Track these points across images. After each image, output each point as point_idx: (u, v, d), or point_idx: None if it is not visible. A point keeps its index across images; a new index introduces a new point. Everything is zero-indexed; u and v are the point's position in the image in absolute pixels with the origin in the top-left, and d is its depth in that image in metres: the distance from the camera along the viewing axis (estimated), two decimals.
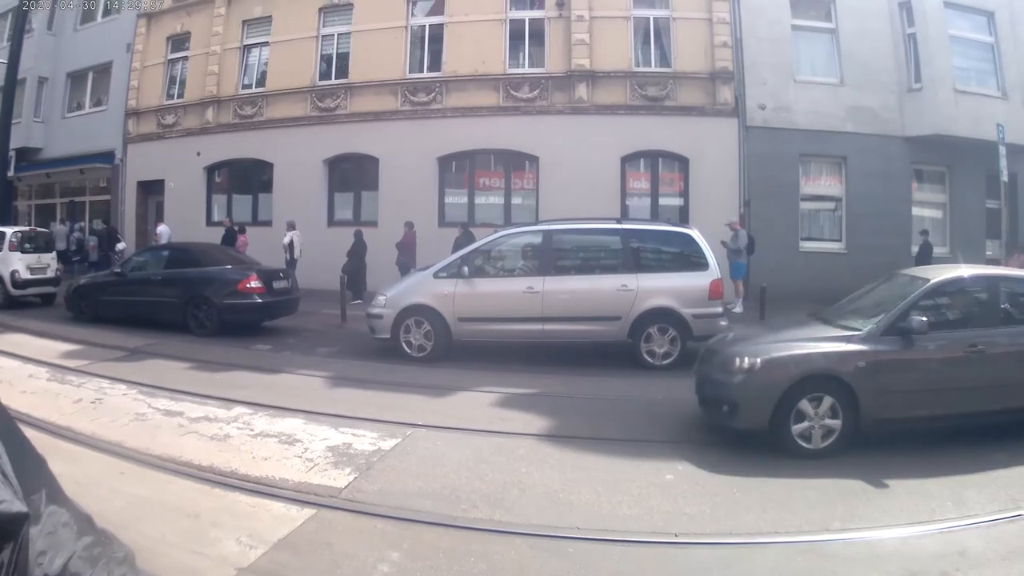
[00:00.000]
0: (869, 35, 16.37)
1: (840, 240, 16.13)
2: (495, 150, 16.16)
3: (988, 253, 16.67)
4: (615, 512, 4.72)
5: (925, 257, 14.81)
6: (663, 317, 9.37)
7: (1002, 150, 14.27)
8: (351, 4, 17.25)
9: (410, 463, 5.47)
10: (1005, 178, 14.43)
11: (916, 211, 16.45)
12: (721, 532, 4.49)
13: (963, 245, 16.58)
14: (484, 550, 4.10)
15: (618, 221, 10.75)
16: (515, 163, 16.16)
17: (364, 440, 5.94)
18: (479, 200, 16.23)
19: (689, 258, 9.71)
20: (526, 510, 4.70)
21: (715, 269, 9.68)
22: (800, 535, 4.46)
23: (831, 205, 16.36)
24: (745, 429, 5.97)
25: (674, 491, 5.09)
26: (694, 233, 9.92)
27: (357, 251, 14.87)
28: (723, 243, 13.91)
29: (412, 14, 16.94)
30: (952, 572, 3.96)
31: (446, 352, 9.41)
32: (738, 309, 13.83)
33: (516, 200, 16.08)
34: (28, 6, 17.55)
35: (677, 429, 6.65)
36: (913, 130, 16.26)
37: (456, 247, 13.68)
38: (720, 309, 9.75)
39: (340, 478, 5.11)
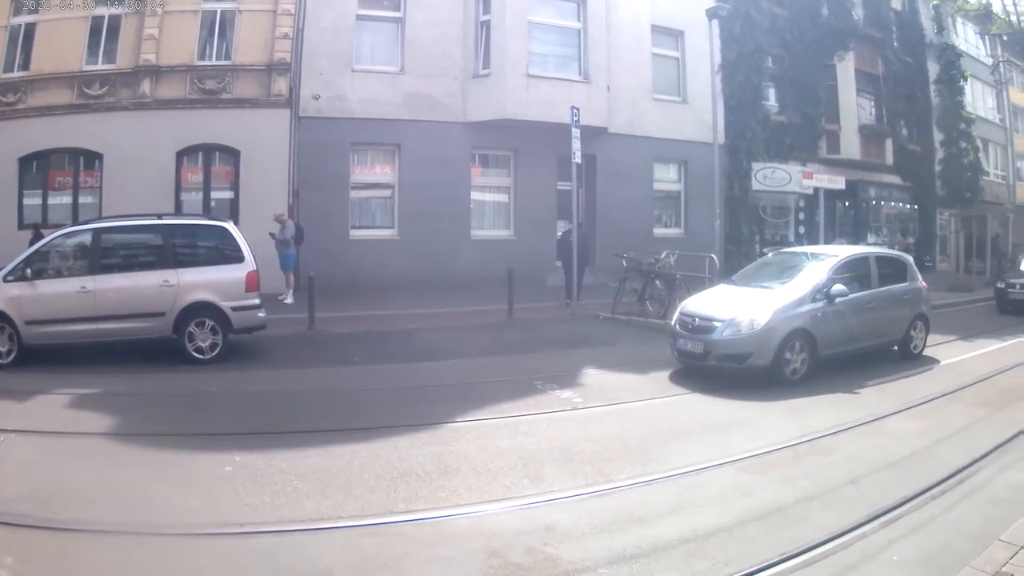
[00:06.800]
0: (437, 23, 16.71)
1: (393, 227, 16.58)
2: (68, 149, 16.48)
3: (558, 234, 17.12)
4: (186, 506, 5.02)
5: (575, 245, 14.80)
6: (204, 311, 9.72)
7: (575, 132, 14.53)
8: None
9: (3, 468, 5.71)
10: (578, 160, 14.69)
11: (477, 195, 16.90)
12: (284, 520, 4.75)
13: (532, 226, 17.11)
14: (80, 550, 4.36)
15: (159, 217, 10.76)
16: (86, 161, 16.50)
17: None
18: (53, 200, 16.49)
19: (224, 251, 10.07)
20: (109, 508, 4.97)
21: (251, 261, 10.05)
22: (365, 518, 4.69)
23: (386, 192, 16.76)
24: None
25: (235, 482, 5.38)
26: (229, 226, 10.31)
27: None
28: (271, 235, 14.32)
29: (12, 14, 17.36)
30: (540, 547, 4.08)
31: (24, 357, 9.33)
32: (289, 300, 14.28)
33: (85, 199, 16.31)
34: None
35: (230, 421, 7.16)
36: (477, 115, 16.67)
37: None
38: (258, 300, 10.17)
39: None
